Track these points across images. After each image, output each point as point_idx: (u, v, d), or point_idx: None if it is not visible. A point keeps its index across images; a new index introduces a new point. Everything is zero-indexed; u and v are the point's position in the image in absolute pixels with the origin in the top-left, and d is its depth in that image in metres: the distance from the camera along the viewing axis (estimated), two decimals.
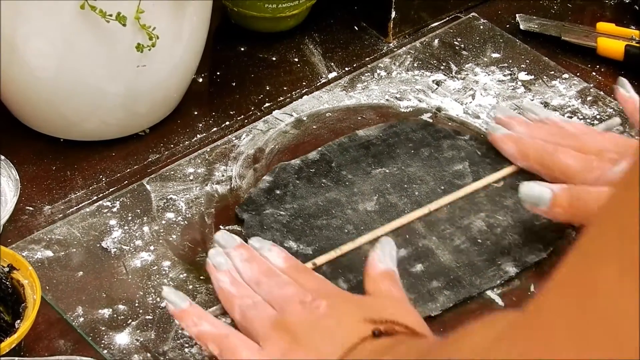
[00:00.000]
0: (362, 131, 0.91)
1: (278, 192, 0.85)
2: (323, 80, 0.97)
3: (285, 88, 0.96)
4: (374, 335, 0.67)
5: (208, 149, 0.89)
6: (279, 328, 0.70)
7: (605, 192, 0.75)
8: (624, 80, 0.89)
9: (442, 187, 0.86)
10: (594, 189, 0.79)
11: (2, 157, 0.85)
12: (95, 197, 0.85)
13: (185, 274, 0.79)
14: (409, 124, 0.91)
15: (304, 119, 0.93)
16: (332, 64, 0.99)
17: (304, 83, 0.97)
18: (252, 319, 0.71)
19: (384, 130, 0.91)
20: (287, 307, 0.71)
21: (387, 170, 0.87)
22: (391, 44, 1.02)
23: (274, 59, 0.99)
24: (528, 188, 0.79)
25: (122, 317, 0.76)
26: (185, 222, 0.83)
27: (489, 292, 0.79)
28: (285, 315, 0.71)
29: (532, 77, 0.97)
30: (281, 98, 0.95)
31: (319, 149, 0.89)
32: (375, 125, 0.91)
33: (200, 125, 0.92)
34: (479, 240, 0.82)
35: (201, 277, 0.79)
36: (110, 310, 0.76)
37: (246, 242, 0.77)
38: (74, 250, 0.80)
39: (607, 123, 0.91)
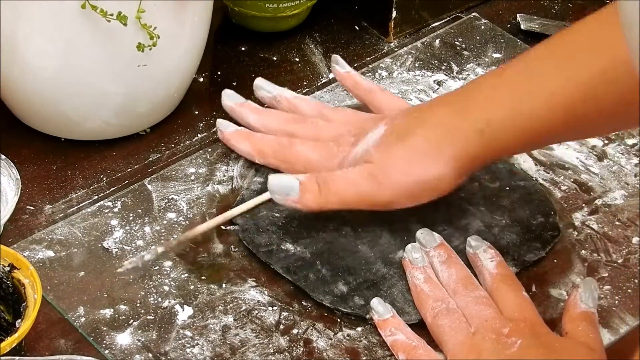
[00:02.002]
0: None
1: None
2: (324, 80, 0.97)
3: (286, 88, 0.96)
4: None
5: (209, 149, 0.89)
6: (468, 349, 0.72)
7: (351, 173, 0.78)
8: (337, 57, 0.90)
9: None
10: (340, 172, 0.79)
11: (3, 157, 0.85)
12: (96, 197, 0.85)
13: (186, 274, 0.79)
14: None
15: None
16: None
17: (305, 83, 0.97)
18: (444, 327, 0.74)
19: None
20: (482, 330, 0.73)
21: None
22: (392, 44, 1.02)
23: (274, 58, 0.99)
24: (277, 180, 0.79)
25: (124, 317, 0.76)
26: (187, 222, 0.83)
27: None
28: (478, 339, 0.73)
29: None
30: None
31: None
32: None
33: (201, 124, 0.92)
34: None
35: (202, 277, 0.79)
36: (112, 310, 0.76)
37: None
38: (76, 250, 0.80)
39: None
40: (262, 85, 0.90)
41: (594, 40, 0.73)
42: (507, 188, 0.85)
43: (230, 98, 0.89)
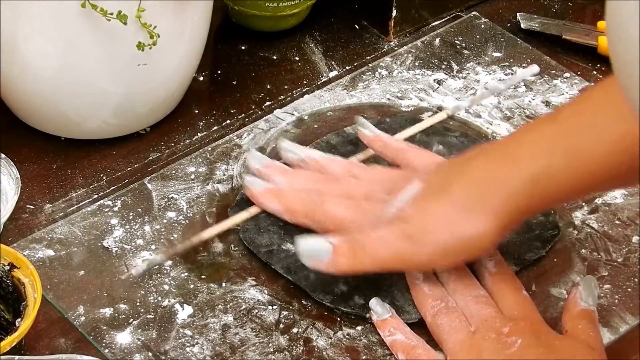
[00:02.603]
0: (351, 128, 0.90)
1: None
2: (324, 79, 0.97)
3: (286, 87, 0.96)
4: None
5: (209, 148, 0.89)
6: (468, 349, 0.72)
7: (386, 233, 0.74)
8: (362, 120, 0.86)
9: None
10: (375, 233, 0.75)
11: (3, 156, 0.85)
12: (96, 196, 0.85)
13: (186, 273, 0.79)
14: (398, 120, 0.91)
15: (306, 118, 0.93)
16: (333, 62, 0.99)
17: (305, 82, 0.97)
18: (444, 325, 0.74)
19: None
20: (482, 330, 0.73)
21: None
22: (392, 43, 1.02)
23: (274, 57, 0.99)
24: (306, 243, 0.75)
25: (124, 316, 0.76)
26: (187, 221, 0.83)
27: None
28: (478, 338, 0.72)
29: (533, 77, 0.97)
30: (282, 97, 0.95)
31: (308, 146, 0.88)
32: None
33: (201, 124, 0.92)
34: None
35: (202, 277, 0.79)
36: (112, 309, 0.76)
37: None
38: (75, 249, 0.80)
39: (527, 71, 0.94)
40: (289, 148, 0.85)
41: None
42: None
43: (256, 160, 0.84)
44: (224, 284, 0.79)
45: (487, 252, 0.76)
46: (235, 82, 0.96)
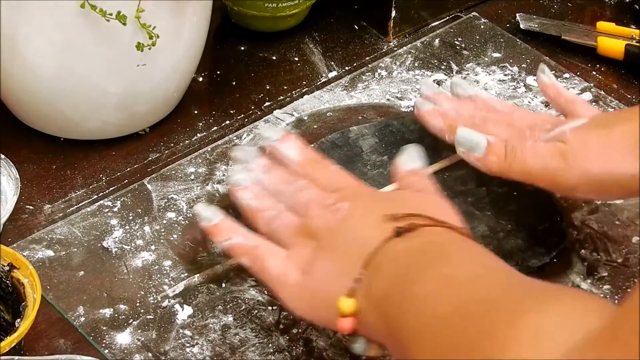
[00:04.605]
0: (356, 128, 0.90)
1: None
2: (323, 80, 0.97)
3: (285, 87, 0.96)
4: (397, 235, 0.66)
5: (209, 149, 0.89)
6: (303, 234, 0.71)
7: (541, 147, 0.76)
8: (544, 66, 0.88)
9: (444, 193, 0.85)
10: (531, 144, 0.78)
11: (2, 156, 0.85)
12: (95, 196, 0.85)
13: (186, 274, 0.79)
14: (405, 122, 0.91)
15: (305, 118, 0.93)
16: (333, 63, 0.99)
17: (304, 82, 0.97)
18: (277, 229, 0.72)
19: (379, 129, 0.90)
20: (310, 211, 0.71)
21: (385, 173, 0.86)
22: (391, 43, 1.02)
23: (274, 58, 0.99)
24: (466, 132, 0.78)
25: (123, 316, 0.76)
26: (187, 221, 0.83)
27: None
28: (308, 220, 0.71)
29: (533, 76, 0.97)
30: (281, 97, 0.95)
31: (312, 145, 0.88)
32: (369, 123, 0.91)
33: (201, 124, 0.92)
34: (482, 244, 0.81)
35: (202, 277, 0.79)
36: (112, 309, 0.76)
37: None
38: (75, 249, 0.80)
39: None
40: (458, 82, 0.88)
41: None
42: (515, 193, 0.85)
43: (428, 87, 0.88)
44: (223, 285, 0.79)
45: (634, 195, 0.76)
46: (234, 83, 0.96)
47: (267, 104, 0.94)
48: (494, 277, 0.61)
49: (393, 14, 1.01)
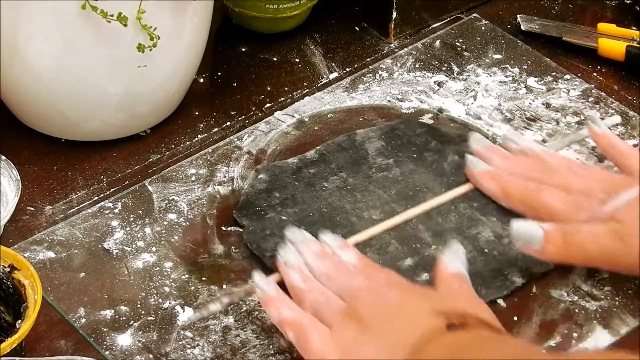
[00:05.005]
0: (363, 131, 0.90)
1: (277, 194, 0.84)
2: (324, 81, 0.97)
3: (286, 88, 0.96)
4: (448, 329, 0.67)
5: (210, 150, 0.89)
6: (349, 316, 0.71)
7: (597, 229, 0.75)
8: (594, 116, 0.87)
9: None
10: (587, 228, 0.77)
11: (3, 157, 0.85)
12: (96, 198, 0.85)
13: (187, 275, 0.79)
14: (412, 126, 0.91)
15: (306, 120, 0.93)
16: (333, 64, 0.99)
17: (305, 83, 0.97)
18: (323, 311, 0.72)
19: (385, 132, 0.90)
20: (358, 296, 0.72)
21: (390, 175, 0.86)
22: (392, 45, 1.01)
23: (275, 59, 0.99)
24: (519, 226, 0.78)
25: (124, 318, 0.76)
26: (187, 223, 0.83)
27: None
28: (356, 304, 0.71)
29: (534, 78, 0.97)
30: (282, 98, 0.95)
31: (318, 147, 0.88)
32: (376, 126, 0.91)
33: (201, 125, 0.92)
34: (486, 251, 0.81)
35: (203, 278, 0.79)
36: (112, 311, 0.76)
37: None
38: (76, 251, 0.80)
39: (607, 121, 0.90)
40: (510, 137, 0.87)
41: None
42: None
43: (478, 142, 0.87)
44: (224, 286, 0.79)
45: None
46: (235, 84, 0.96)
47: (267, 105, 0.94)
48: None
49: (394, 15, 1.00)
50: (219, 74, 0.97)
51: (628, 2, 1.07)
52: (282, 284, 0.75)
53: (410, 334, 0.68)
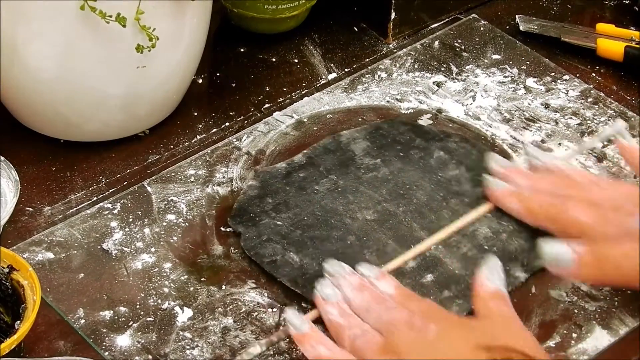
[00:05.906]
0: (347, 132, 0.90)
1: (269, 200, 0.84)
2: (323, 82, 0.97)
3: (285, 89, 0.96)
4: None
5: (209, 151, 0.89)
6: (387, 352, 0.70)
7: (631, 247, 0.74)
8: (623, 130, 0.85)
9: (441, 194, 0.85)
10: (620, 248, 0.75)
11: (2, 158, 0.85)
12: (95, 198, 0.85)
13: (186, 276, 0.79)
14: (395, 125, 0.91)
15: (305, 120, 0.93)
16: (332, 64, 0.99)
17: (304, 84, 0.97)
18: (361, 347, 0.72)
19: (370, 132, 0.90)
20: (396, 331, 0.71)
21: (379, 175, 0.86)
22: (391, 45, 1.02)
23: (273, 60, 0.99)
24: (549, 248, 0.76)
25: (123, 319, 0.76)
26: (186, 223, 0.83)
27: None
28: (394, 338, 0.71)
29: (533, 78, 0.97)
30: (281, 99, 0.95)
31: (305, 151, 0.88)
32: (360, 127, 0.91)
33: (200, 126, 0.92)
34: (486, 247, 0.81)
35: (202, 279, 0.79)
36: (111, 312, 0.76)
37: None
38: (75, 252, 0.80)
39: (614, 128, 0.87)
40: (533, 153, 0.85)
41: None
42: None
43: (497, 162, 0.85)
44: (223, 287, 0.79)
45: None
46: (234, 85, 0.96)
47: (266, 105, 0.94)
48: None
49: (392, 15, 1.00)
50: (218, 74, 0.97)
51: (627, 2, 1.07)
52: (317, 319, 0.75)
53: None
